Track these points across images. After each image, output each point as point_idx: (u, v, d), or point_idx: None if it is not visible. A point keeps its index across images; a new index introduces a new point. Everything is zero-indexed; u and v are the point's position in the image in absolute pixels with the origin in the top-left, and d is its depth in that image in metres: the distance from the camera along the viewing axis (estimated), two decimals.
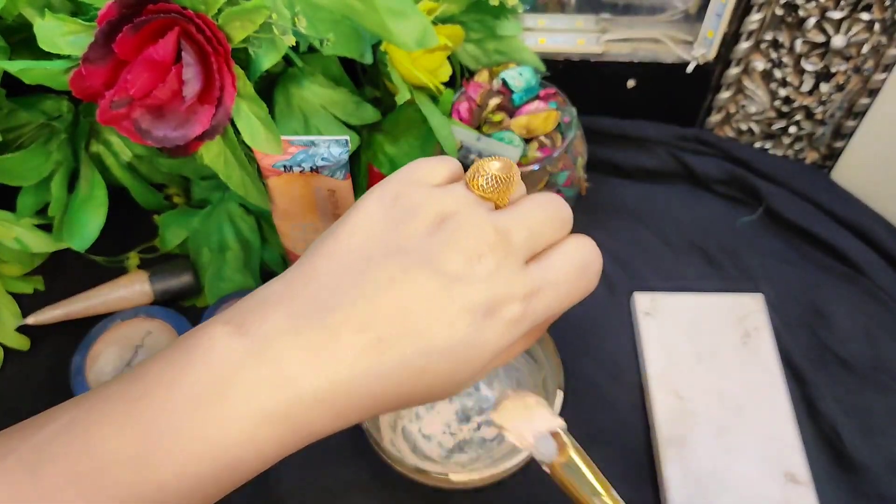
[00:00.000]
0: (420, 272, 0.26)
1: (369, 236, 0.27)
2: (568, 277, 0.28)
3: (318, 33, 0.41)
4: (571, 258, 0.29)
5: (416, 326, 0.25)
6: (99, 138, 0.46)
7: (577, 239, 0.29)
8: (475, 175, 0.29)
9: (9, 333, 0.48)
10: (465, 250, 0.26)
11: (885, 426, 0.46)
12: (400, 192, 0.28)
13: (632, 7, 0.57)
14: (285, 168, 0.41)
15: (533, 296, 0.27)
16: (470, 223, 0.27)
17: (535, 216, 0.29)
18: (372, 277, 0.26)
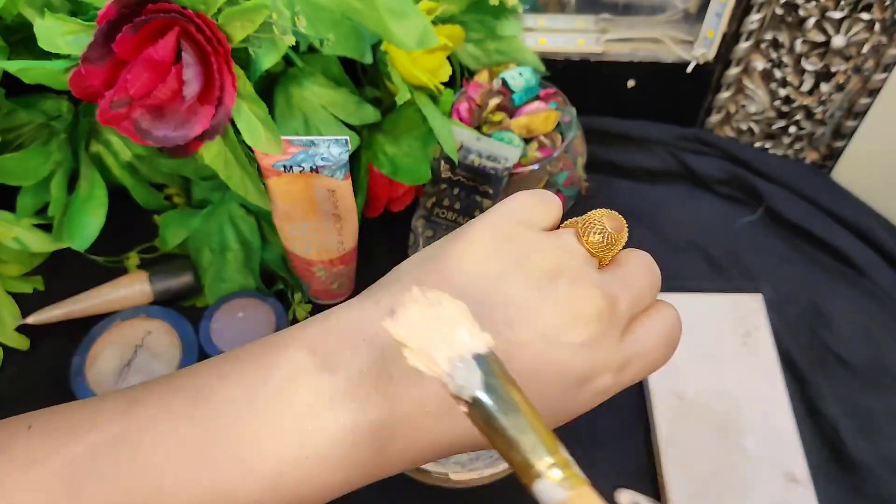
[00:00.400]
0: (524, 329, 0.24)
1: (479, 275, 0.25)
2: (656, 349, 0.27)
3: (318, 33, 0.41)
4: (661, 329, 0.28)
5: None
6: (99, 138, 0.46)
7: (665, 308, 0.28)
8: (588, 229, 0.27)
9: (9, 333, 0.48)
10: (571, 315, 0.25)
11: (884, 426, 0.46)
12: (513, 233, 0.26)
13: (632, 7, 0.57)
14: (285, 168, 0.41)
15: (624, 368, 0.26)
16: (580, 286, 0.26)
17: (638, 282, 0.28)
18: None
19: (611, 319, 0.26)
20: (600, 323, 0.25)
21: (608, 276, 0.27)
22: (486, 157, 0.48)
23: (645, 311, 0.28)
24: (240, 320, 0.48)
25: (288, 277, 0.51)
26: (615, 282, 0.27)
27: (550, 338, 0.25)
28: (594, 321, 0.25)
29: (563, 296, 0.25)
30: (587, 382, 0.25)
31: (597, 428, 0.46)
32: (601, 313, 0.25)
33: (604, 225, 0.27)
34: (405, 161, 0.48)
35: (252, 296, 0.49)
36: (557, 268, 0.26)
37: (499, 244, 0.26)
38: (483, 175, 0.48)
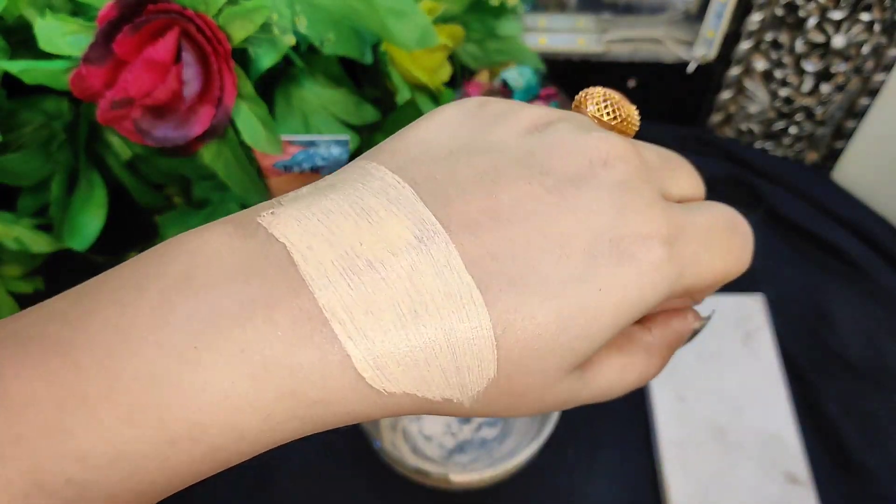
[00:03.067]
0: (519, 174, 0.18)
1: (449, 131, 0.19)
2: (717, 228, 0.20)
3: (318, 33, 0.41)
4: (717, 211, 0.21)
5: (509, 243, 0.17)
6: (99, 138, 0.46)
7: (719, 203, 0.22)
8: (586, 98, 0.21)
9: None
10: (583, 153, 0.18)
11: (885, 426, 0.46)
12: (486, 100, 0.21)
13: (632, 7, 0.57)
14: (285, 168, 0.41)
15: (678, 238, 0.19)
16: (589, 130, 0.19)
17: (669, 154, 0.22)
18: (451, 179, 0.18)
19: (639, 166, 0.19)
20: (626, 164, 0.18)
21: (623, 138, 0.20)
22: None
23: (696, 202, 0.21)
24: None
25: None
26: (635, 143, 0.20)
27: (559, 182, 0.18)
28: (617, 161, 0.18)
29: (566, 137, 0.19)
30: (626, 246, 0.18)
31: (597, 428, 0.46)
32: (624, 154, 0.19)
33: (604, 93, 0.21)
34: None
35: None
36: (552, 116, 0.20)
37: (469, 111, 0.20)
38: None
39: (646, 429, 0.46)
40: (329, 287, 0.16)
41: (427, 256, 0.17)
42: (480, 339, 0.17)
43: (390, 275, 0.17)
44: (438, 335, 0.17)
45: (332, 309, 0.16)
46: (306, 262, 0.17)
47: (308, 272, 0.17)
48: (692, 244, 0.19)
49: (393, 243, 0.17)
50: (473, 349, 0.17)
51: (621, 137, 0.19)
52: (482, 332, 0.17)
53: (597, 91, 0.21)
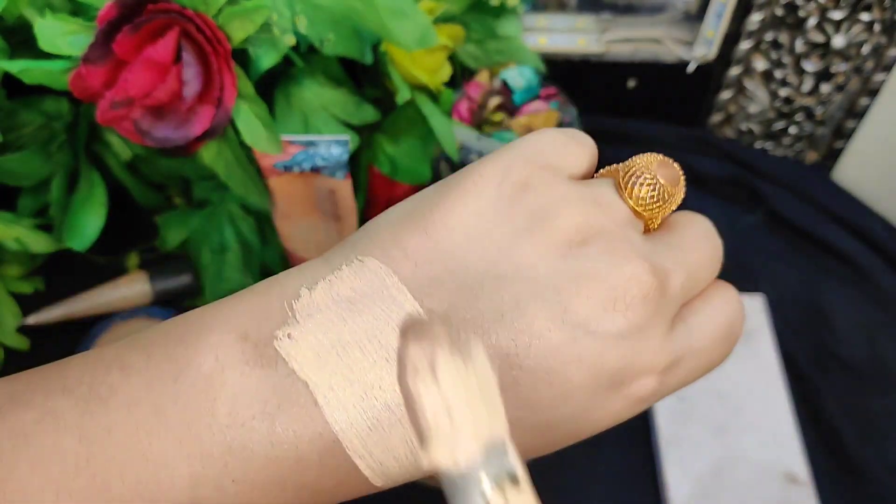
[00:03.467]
0: (539, 311, 0.18)
1: (477, 239, 0.19)
2: (712, 344, 0.21)
3: (318, 33, 0.41)
4: (719, 319, 0.21)
5: (516, 387, 0.18)
6: (99, 138, 0.46)
7: (724, 290, 0.22)
8: (634, 179, 0.21)
9: (9, 333, 0.48)
10: (607, 292, 0.19)
11: (885, 426, 0.46)
12: (529, 179, 0.20)
13: (632, 7, 0.57)
14: (285, 168, 0.41)
15: (672, 368, 0.20)
16: (621, 255, 0.19)
17: (696, 255, 0.21)
18: (474, 309, 0.18)
19: (659, 302, 0.19)
20: (645, 306, 0.19)
21: (658, 245, 0.20)
22: None
23: (700, 294, 0.21)
24: None
25: None
26: (667, 252, 0.20)
27: (576, 325, 0.18)
28: (638, 304, 0.19)
29: (598, 268, 0.19)
30: (623, 385, 0.19)
31: None
32: (647, 294, 0.19)
33: (655, 175, 0.21)
34: (405, 161, 0.48)
35: None
36: (590, 229, 0.19)
37: (511, 193, 0.19)
38: None
39: (646, 428, 0.46)
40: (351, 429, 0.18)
41: None
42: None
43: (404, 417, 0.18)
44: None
45: (356, 449, 0.18)
46: (328, 404, 0.18)
47: (332, 416, 0.18)
48: (682, 370, 0.21)
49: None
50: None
51: (651, 271, 0.19)
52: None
53: (647, 175, 0.21)
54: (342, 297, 0.19)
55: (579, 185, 0.21)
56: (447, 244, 0.19)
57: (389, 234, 0.20)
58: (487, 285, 0.18)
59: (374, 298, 0.18)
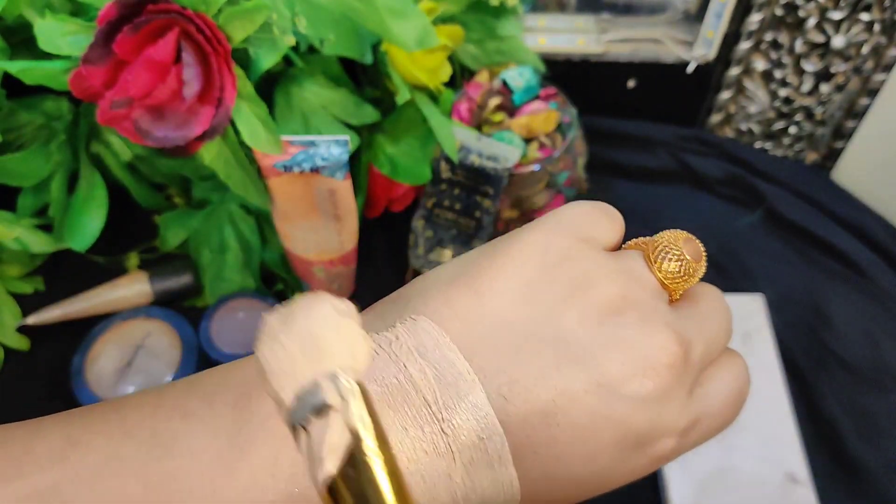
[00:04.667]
0: (578, 373, 0.20)
1: (523, 303, 0.20)
2: (725, 409, 0.23)
3: (318, 33, 0.41)
4: (730, 385, 0.23)
5: (553, 443, 0.20)
6: (99, 138, 0.46)
7: (734, 360, 0.24)
8: (662, 255, 0.23)
9: (9, 333, 0.48)
10: (639, 359, 0.20)
11: (885, 426, 0.46)
12: (570, 251, 0.22)
13: (632, 7, 0.57)
14: (285, 168, 0.41)
15: (690, 430, 0.22)
16: (652, 325, 0.21)
17: (714, 326, 0.23)
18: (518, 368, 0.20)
19: (683, 370, 0.21)
20: (671, 374, 0.21)
21: (682, 317, 0.22)
22: (487, 157, 0.48)
23: (714, 362, 0.23)
24: (240, 321, 0.48)
25: (288, 278, 0.51)
26: (690, 323, 0.22)
27: (610, 388, 0.20)
28: (665, 371, 0.20)
29: (631, 336, 0.21)
30: (647, 445, 0.21)
31: None
32: (674, 362, 0.21)
33: (681, 251, 0.23)
34: (405, 161, 0.48)
35: (252, 296, 0.49)
36: (624, 300, 0.21)
37: (554, 263, 0.21)
38: (483, 175, 0.48)
39: None
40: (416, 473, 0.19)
41: (484, 454, 0.19)
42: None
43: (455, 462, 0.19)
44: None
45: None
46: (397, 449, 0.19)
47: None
48: (699, 431, 0.22)
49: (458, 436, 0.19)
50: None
51: (678, 341, 0.21)
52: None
53: (674, 250, 0.23)
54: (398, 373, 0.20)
55: (613, 256, 0.23)
56: (495, 306, 0.20)
57: (441, 295, 0.21)
58: (531, 347, 0.20)
59: (429, 361, 0.20)
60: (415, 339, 0.20)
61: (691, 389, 0.22)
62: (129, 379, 0.45)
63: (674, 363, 0.21)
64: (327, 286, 0.50)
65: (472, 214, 0.49)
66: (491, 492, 0.19)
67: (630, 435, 0.20)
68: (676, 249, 0.23)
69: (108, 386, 0.45)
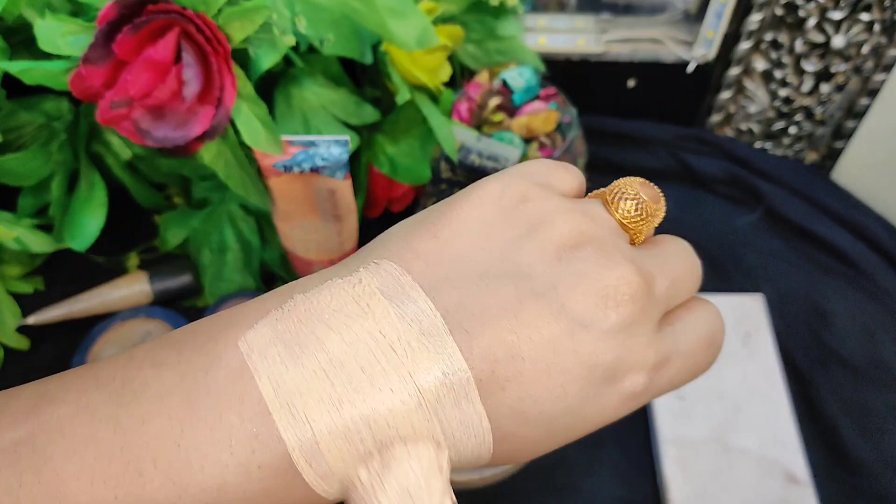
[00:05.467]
0: (539, 306, 0.20)
1: (482, 242, 0.21)
2: (697, 348, 0.23)
3: (318, 33, 0.41)
4: (701, 326, 0.23)
5: (519, 378, 0.20)
6: (99, 138, 0.46)
7: (706, 305, 0.24)
8: (619, 196, 0.23)
9: (9, 333, 0.48)
10: (600, 291, 0.20)
11: (885, 426, 0.46)
12: (526, 193, 0.22)
13: (632, 7, 0.57)
14: (285, 168, 0.41)
15: (661, 367, 0.22)
16: (610, 258, 0.21)
17: (677, 265, 0.23)
18: (479, 303, 0.20)
19: (646, 303, 0.21)
20: (634, 305, 0.21)
21: (643, 253, 0.22)
22: (487, 157, 0.48)
23: (683, 306, 0.23)
24: None
25: (288, 277, 0.51)
26: (651, 260, 0.22)
27: (572, 320, 0.20)
28: (627, 302, 0.20)
29: (589, 269, 0.21)
30: (615, 380, 0.21)
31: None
32: (635, 293, 0.21)
33: (637, 192, 0.23)
34: (405, 161, 0.48)
35: (252, 296, 0.49)
36: (582, 236, 0.21)
37: (507, 207, 0.22)
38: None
39: (646, 428, 0.46)
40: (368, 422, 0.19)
41: (450, 391, 0.19)
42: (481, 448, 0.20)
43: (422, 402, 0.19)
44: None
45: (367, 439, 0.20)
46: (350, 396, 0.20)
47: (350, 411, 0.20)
48: (671, 370, 0.23)
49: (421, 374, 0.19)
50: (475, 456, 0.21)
51: (639, 273, 0.21)
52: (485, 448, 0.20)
53: (630, 191, 0.23)
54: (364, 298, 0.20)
55: (571, 200, 0.23)
56: (455, 246, 0.21)
57: (401, 240, 0.22)
58: (492, 283, 0.20)
59: (390, 294, 0.20)
60: (378, 280, 0.20)
61: (658, 325, 0.22)
62: None
63: (635, 294, 0.21)
64: None
65: None
66: (461, 433, 0.20)
67: (597, 368, 0.20)
68: (632, 190, 0.23)
69: None
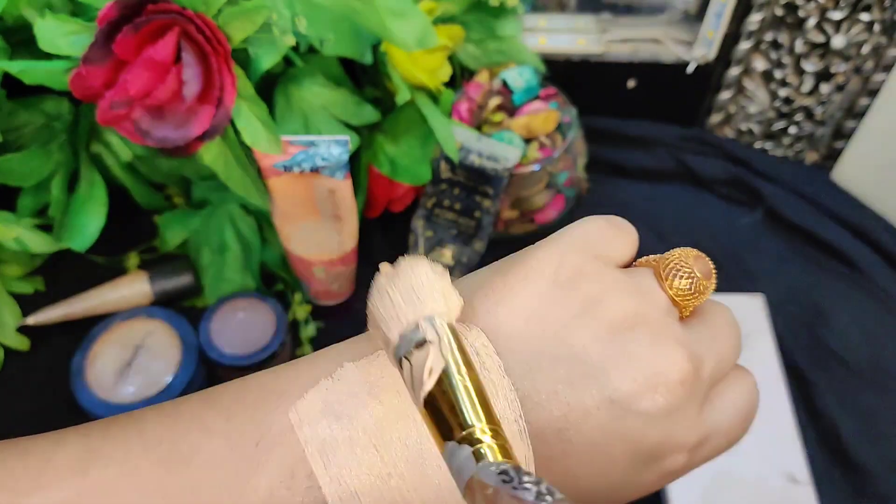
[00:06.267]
0: (588, 391, 0.20)
1: (535, 319, 0.21)
2: (734, 426, 0.24)
3: (318, 33, 0.41)
4: (740, 403, 0.24)
5: (564, 458, 0.20)
6: (99, 138, 0.46)
7: (745, 377, 0.25)
8: (673, 273, 0.23)
9: (9, 333, 0.48)
10: (651, 375, 0.20)
11: (884, 426, 0.46)
12: (582, 267, 0.22)
13: (632, 7, 0.57)
14: (285, 168, 0.41)
15: (701, 445, 0.22)
16: (663, 342, 0.21)
17: (724, 343, 0.24)
18: (531, 384, 0.20)
19: (694, 387, 0.21)
20: (682, 390, 0.21)
21: (693, 334, 0.23)
22: (487, 157, 0.48)
23: (724, 379, 0.24)
24: (240, 321, 0.48)
25: (288, 278, 0.51)
26: (701, 341, 0.22)
27: (621, 404, 0.20)
28: (676, 387, 0.21)
29: (642, 353, 0.21)
30: (658, 460, 0.21)
31: None
32: (685, 378, 0.21)
33: (692, 268, 0.23)
34: (405, 161, 0.48)
35: (252, 296, 0.49)
36: (636, 317, 0.21)
37: (566, 280, 0.21)
38: (483, 175, 0.48)
39: None
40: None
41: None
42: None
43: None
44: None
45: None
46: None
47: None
48: (709, 447, 0.23)
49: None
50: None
51: (689, 358, 0.21)
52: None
53: (685, 268, 0.23)
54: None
55: (625, 273, 0.23)
56: (508, 323, 0.21)
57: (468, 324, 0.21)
58: (544, 363, 0.20)
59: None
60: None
61: (702, 406, 0.22)
62: (129, 379, 0.45)
63: (685, 379, 0.21)
64: (327, 286, 0.50)
65: (472, 214, 0.49)
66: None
67: (641, 450, 0.21)
68: (687, 267, 0.23)
69: (108, 386, 0.45)
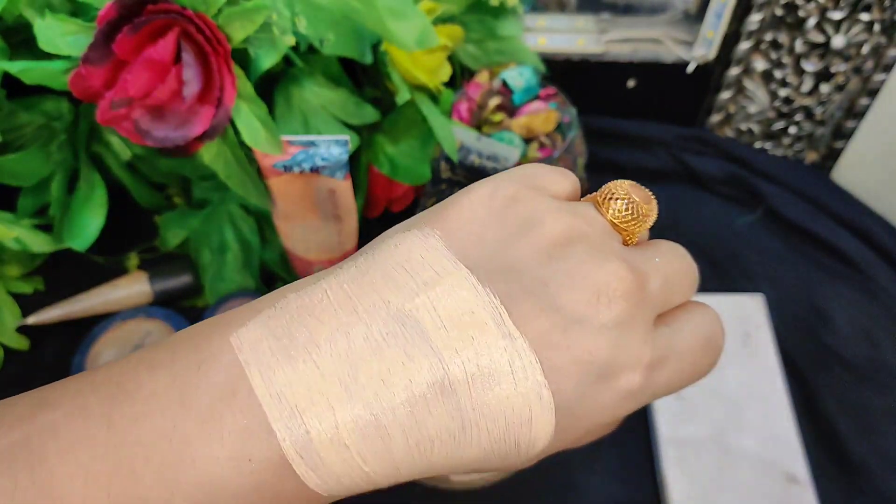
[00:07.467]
0: (528, 303, 0.20)
1: (473, 241, 0.21)
2: (694, 349, 0.23)
3: (318, 33, 0.41)
4: (699, 326, 0.23)
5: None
6: (99, 138, 0.46)
7: (702, 306, 0.24)
8: (610, 196, 0.23)
9: (9, 333, 0.48)
10: (591, 287, 0.20)
11: (884, 426, 0.46)
12: (518, 195, 0.22)
13: (632, 7, 0.57)
14: (285, 168, 0.41)
15: (657, 366, 0.22)
16: (602, 256, 0.21)
17: (670, 264, 0.23)
18: None
19: (639, 300, 0.21)
20: (626, 301, 0.21)
21: (635, 252, 0.22)
22: (487, 157, 0.48)
23: (680, 308, 0.23)
24: None
25: (288, 277, 0.51)
26: (644, 259, 0.22)
27: (565, 316, 0.20)
28: (619, 298, 0.20)
29: (580, 266, 0.21)
30: (611, 377, 0.21)
31: None
32: (627, 290, 0.21)
33: (628, 192, 0.23)
34: (405, 161, 0.48)
35: (252, 296, 0.49)
36: (573, 234, 0.21)
37: (498, 207, 0.22)
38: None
39: (646, 428, 0.46)
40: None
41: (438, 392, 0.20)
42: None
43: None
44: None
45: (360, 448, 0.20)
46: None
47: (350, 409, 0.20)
48: (668, 370, 0.22)
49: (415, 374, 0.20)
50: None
51: (630, 270, 0.21)
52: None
53: (620, 191, 0.23)
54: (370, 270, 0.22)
55: (562, 201, 0.23)
56: (454, 242, 0.21)
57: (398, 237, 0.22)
58: (482, 279, 0.20)
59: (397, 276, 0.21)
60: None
61: (653, 324, 0.22)
62: None
63: (628, 291, 0.21)
64: None
65: None
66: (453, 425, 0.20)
67: (591, 364, 0.20)
68: (622, 191, 0.23)
69: None
